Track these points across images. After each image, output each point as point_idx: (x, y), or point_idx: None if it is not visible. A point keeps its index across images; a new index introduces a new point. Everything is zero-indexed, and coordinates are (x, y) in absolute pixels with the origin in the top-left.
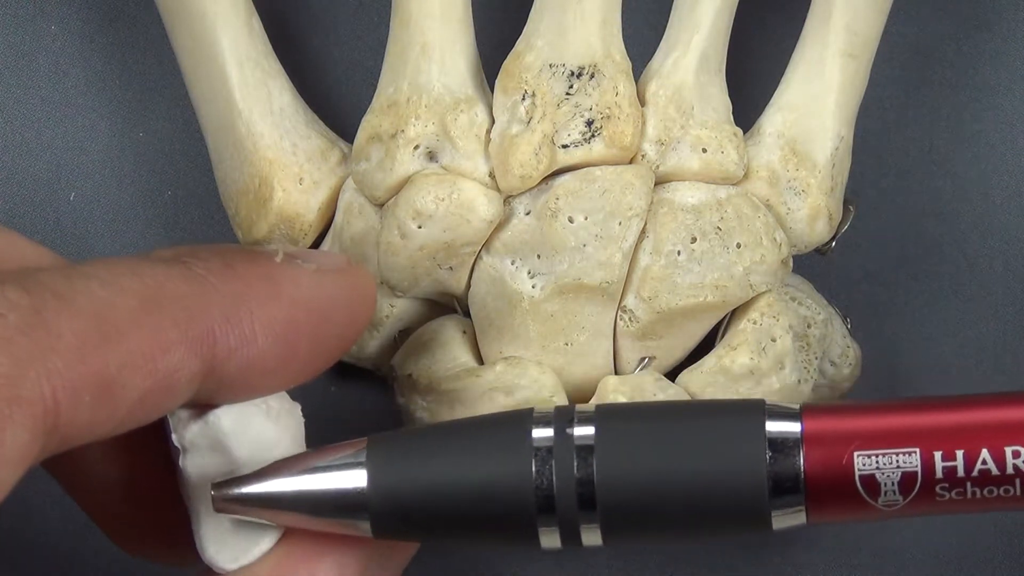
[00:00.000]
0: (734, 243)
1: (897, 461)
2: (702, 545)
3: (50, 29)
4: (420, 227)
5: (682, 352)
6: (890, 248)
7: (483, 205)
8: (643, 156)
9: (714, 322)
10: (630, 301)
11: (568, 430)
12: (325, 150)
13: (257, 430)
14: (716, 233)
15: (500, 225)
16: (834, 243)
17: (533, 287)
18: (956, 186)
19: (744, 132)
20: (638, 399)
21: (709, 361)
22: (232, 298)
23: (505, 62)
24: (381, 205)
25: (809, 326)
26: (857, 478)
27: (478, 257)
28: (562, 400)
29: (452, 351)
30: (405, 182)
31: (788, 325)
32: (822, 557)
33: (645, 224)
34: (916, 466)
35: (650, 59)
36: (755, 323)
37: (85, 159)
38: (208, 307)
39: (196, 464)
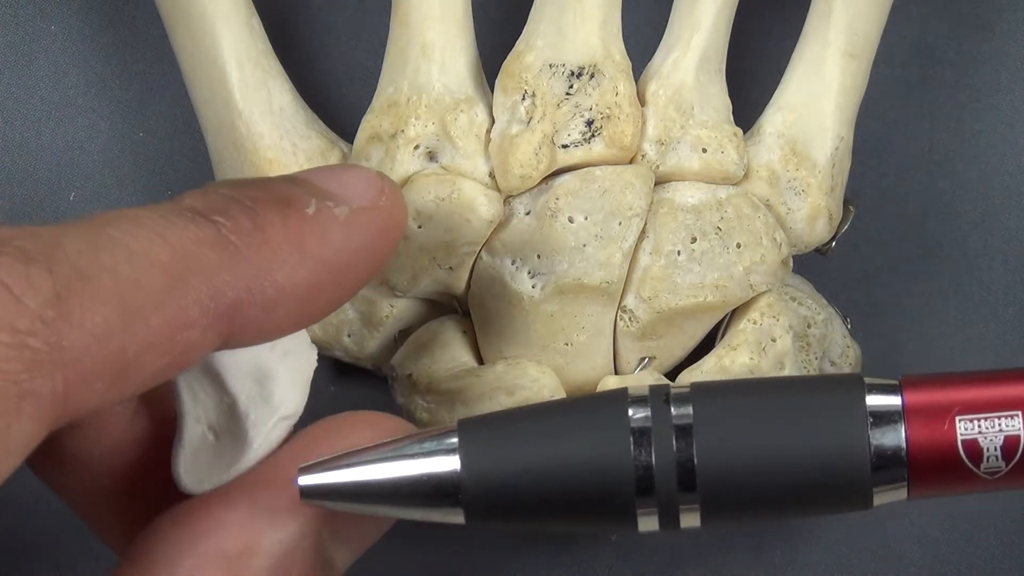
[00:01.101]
0: (734, 243)
1: (1000, 425)
2: (800, 518)
3: (50, 29)
4: (420, 227)
5: (682, 352)
6: (890, 248)
7: (483, 205)
8: (643, 156)
9: (714, 322)
10: (630, 301)
11: (665, 410)
12: (325, 150)
13: (256, 363)
14: (716, 233)
15: (500, 225)
16: (834, 243)
17: (533, 287)
18: (956, 186)
19: (744, 132)
20: None
21: (709, 361)
22: (258, 268)
23: (505, 62)
24: None
25: (809, 326)
26: (959, 444)
27: (478, 257)
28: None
29: (452, 351)
30: (405, 182)
31: (788, 325)
32: (822, 557)
33: (645, 224)
34: (1019, 429)
35: (650, 59)
36: (755, 323)
37: (85, 159)
38: (234, 279)
39: (188, 383)
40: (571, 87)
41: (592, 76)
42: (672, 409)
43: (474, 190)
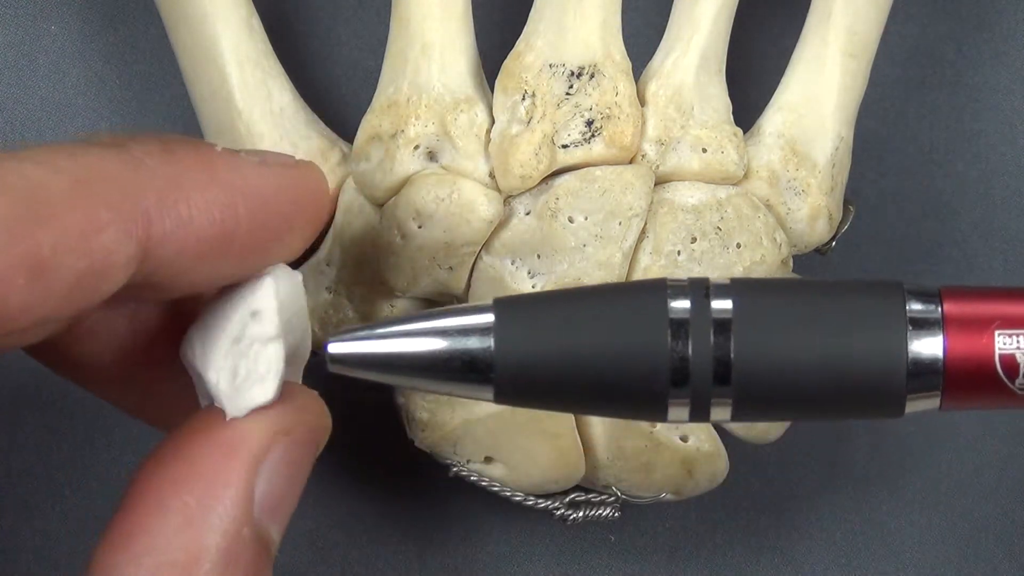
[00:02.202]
0: (734, 243)
1: None
2: (831, 419)
3: (50, 29)
4: (420, 227)
5: None
6: (890, 248)
7: (483, 205)
8: (643, 156)
9: None
10: None
11: (705, 303)
12: (325, 150)
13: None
14: (716, 233)
15: (500, 225)
16: (834, 243)
17: (533, 287)
18: (956, 186)
19: (744, 132)
20: None
21: None
22: (168, 180)
23: (505, 62)
24: (381, 205)
25: None
26: (997, 358)
27: (478, 257)
28: None
29: None
30: (405, 182)
31: None
32: (822, 557)
33: (645, 224)
34: None
35: (650, 59)
36: None
37: None
38: (143, 189)
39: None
40: (571, 87)
41: (592, 76)
42: (711, 302)
43: (474, 190)
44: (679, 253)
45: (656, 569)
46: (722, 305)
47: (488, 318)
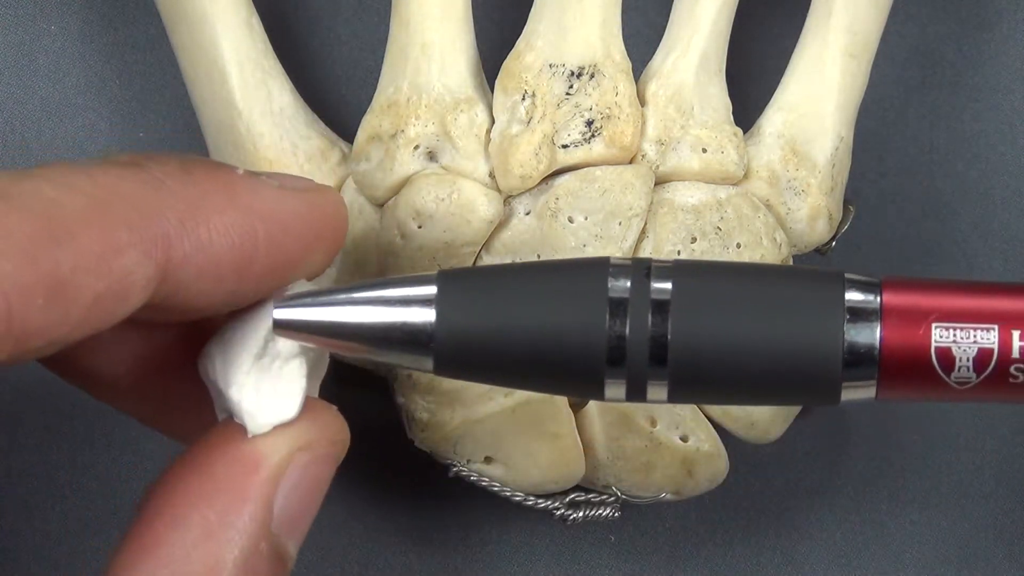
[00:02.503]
0: (734, 243)
1: (975, 336)
2: (766, 404)
3: (50, 29)
4: (420, 227)
5: None
6: (890, 248)
7: (483, 205)
8: (643, 156)
9: None
10: None
11: (645, 284)
12: (325, 150)
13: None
14: (716, 233)
15: (500, 225)
16: (834, 243)
17: None
18: (956, 186)
19: (744, 132)
20: None
21: None
22: (188, 203)
23: (505, 62)
24: (381, 205)
25: None
26: (933, 350)
27: (478, 257)
28: (562, 399)
29: None
30: (405, 182)
31: None
32: (822, 557)
33: (645, 224)
34: (993, 343)
35: (650, 59)
36: None
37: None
38: (163, 210)
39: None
40: (571, 87)
41: (592, 76)
42: (652, 283)
43: (474, 190)
44: (679, 253)
45: (656, 569)
46: (662, 286)
47: (431, 289)
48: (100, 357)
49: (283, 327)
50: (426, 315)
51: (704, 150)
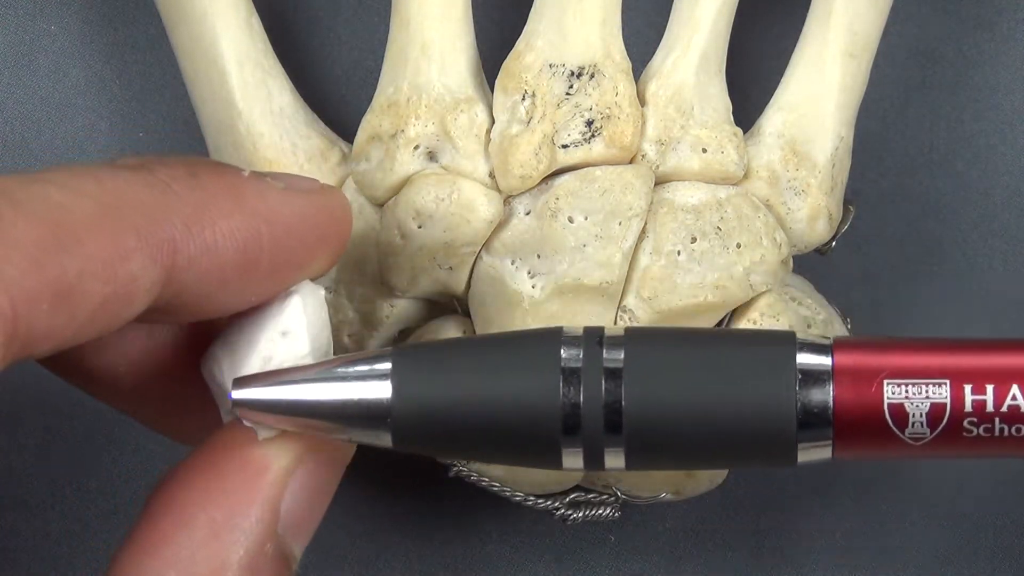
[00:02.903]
0: (734, 243)
1: (927, 392)
2: (724, 468)
3: (50, 29)
4: (420, 227)
5: None
6: (890, 248)
7: (483, 205)
8: (643, 156)
9: (714, 322)
10: (630, 301)
11: (597, 352)
12: (325, 150)
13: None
14: (716, 233)
15: (500, 225)
16: (834, 243)
17: (533, 287)
18: (956, 186)
19: (744, 132)
20: None
21: None
22: (194, 207)
23: (505, 62)
24: (381, 205)
25: (809, 326)
26: (886, 407)
27: (478, 257)
28: None
29: None
30: (405, 182)
31: (788, 325)
32: (822, 557)
33: (645, 224)
34: (945, 398)
35: (650, 59)
36: (755, 323)
37: (85, 159)
38: (169, 214)
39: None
40: (571, 87)
41: (592, 76)
42: (604, 351)
43: (474, 190)
44: (679, 253)
45: (656, 569)
46: (614, 355)
47: (386, 366)
48: (101, 357)
49: (242, 406)
50: (383, 391)
51: (704, 150)
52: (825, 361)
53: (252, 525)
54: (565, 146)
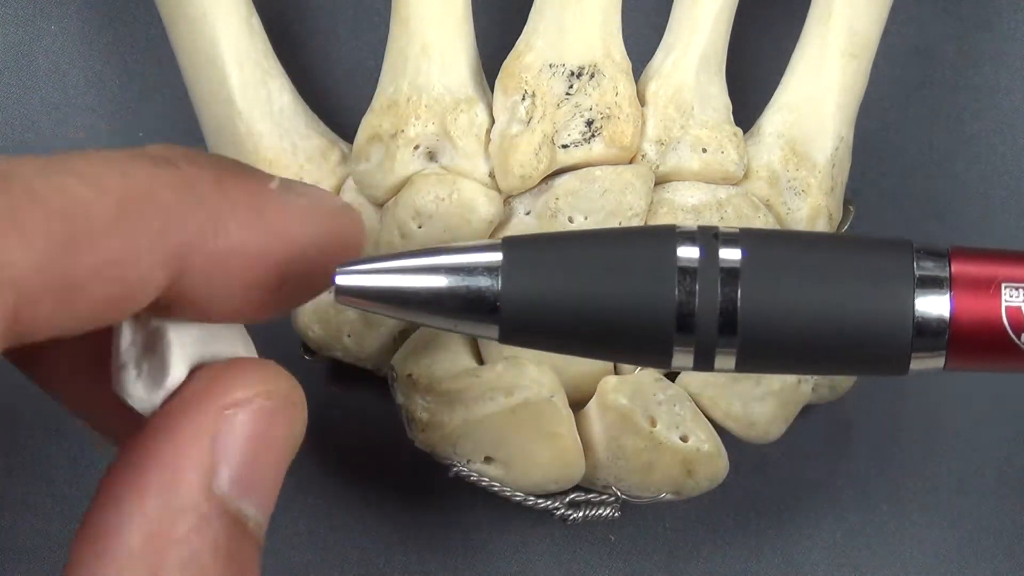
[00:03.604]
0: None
1: None
2: (834, 374)
3: (50, 29)
4: (420, 227)
5: None
6: None
7: (483, 205)
8: (643, 156)
9: None
10: None
11: (714, 249)
12: (325, 150)
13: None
14: None
15: (500, 225)
16: None
17: None
18: (956, 186)
19: (744, 132)
20: (638, 399)
21: None
22: (214, 212)
23: (505, 62)
24: (381, 205)
25: None
26: (1004, 311)
27: None
28: (562, 399)
29: (452, 351)
30: (405, 182)
31: None
32: (822, 557)
33: (645, 224)
34: None
35: (650, 59)
36: None
37: None
38: (187, 218)
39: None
40: (571, 87)
41: (592, 76)
42: (720, 251)
43: (474, 190)
44: None
45: (656, 569)
46: (730, 255)
47: (496, 257)
48: (56, 350)
49: (345, 293)
50: (491, 282)
51: (704, 150)
52: (942, 268)
53: (181, 491)
54: (565, 146)
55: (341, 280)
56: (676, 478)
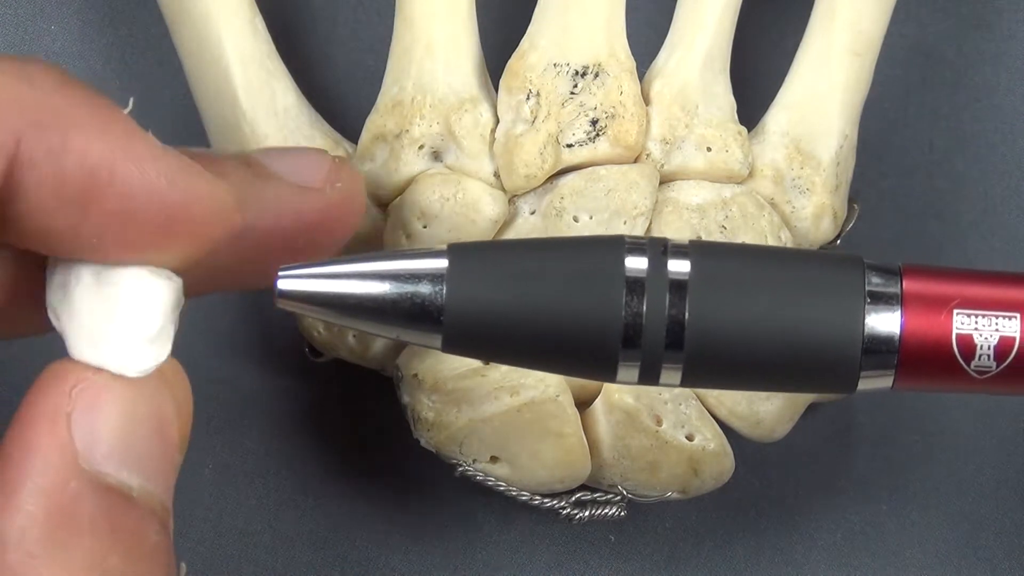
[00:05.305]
0: (739, 241)
1: (996, 324)
2: (782, 391)
3: (50, 29)
4: (425, 227)
5: None
6: (890, 248)
7: (488, 204)
8: (648, 155)
9: None
10: None
11: (662, 262)
12: (330, 150)
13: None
14: (721, 232)
15: (505, 224)
16: (839, 241)
17: None
18: (956, 186)
19: (749, 131)
20: (644, 398)
21: None
22: (52, 109)
23: (509, 61)
24: (386, 205)
25: None
26: (954, 337)
27: None
28: (568, 399)
29: None
30: (410, 182)
31: None
32: (822, 557)
33: (650, 223)
34: (1015, 332)
35: (654, 58)
36: None
37: None
38: (23, 105)
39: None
40: (575, 86)
41: (596, 75)
42: (669, 262)
43: (479, 189)
44: None
45: (656, 569)
46: (679, 267)
47: (441, 263)
48: None
49: (286, 297)
50: (435, 289)
51: (709, 149)
52: (894, 285)
53: (41, 467)
54: (570, 145)
55: (283, 284)
56: (682, 477)
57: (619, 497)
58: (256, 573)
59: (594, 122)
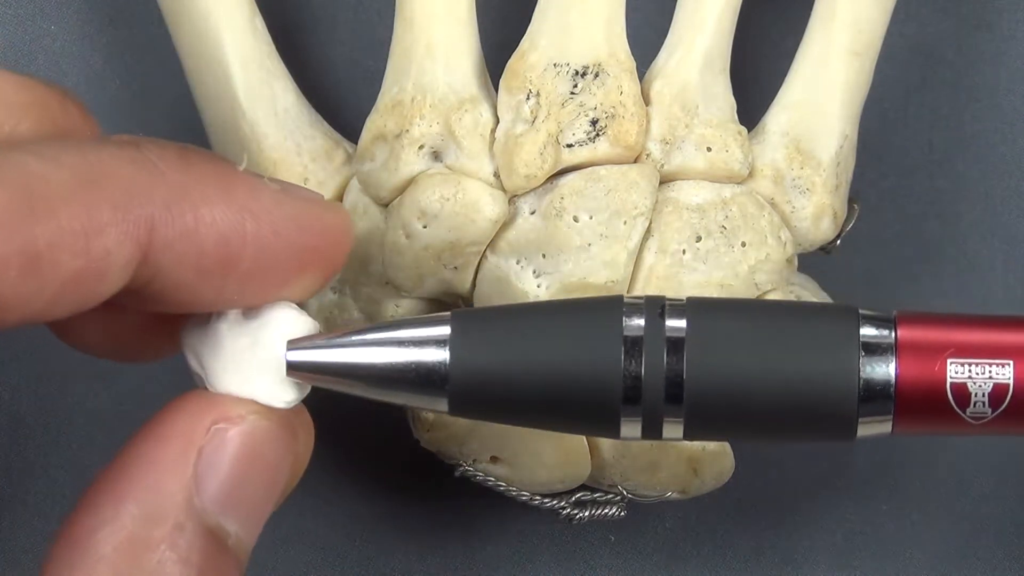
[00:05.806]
0: (739, 242)
1: (990, 372)
2: (783, 442)
3: (50, 29)
4: (425, 227)
5: None
6: (890, 248)
7: (488, 205)
8: (648, 155)
9: None
10: None
11: (659, 322)
12: (329, 150)
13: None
14: (721, 232)
15: (505, 225)
16: (839, 241)
17: (538, 286)
18: (956, 186)
19: (749, 131)
20: None
21: None
22: (179, 188)
23: (509, 61)
24: (386, 205)
25: None
26: (948, 386)
27: (483, 257)
28: None
29: None
30: (410, 182)
31: None
32: (822, 557)
33: (650, 223)
34: (1009, 379)
35: (654, 58)
36: None
37: None
38: (151, 192)
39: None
40: (575, 86)
41: (596, 75)
42: (666, 321)
43: (479, 190)
44: (684, 252)
45: (656, 569)
46: (676, 324)
47: (445, 330)
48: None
49: (296, 369)
50: (440, 356)
51: (709, 149)
52: (888, 335)
53: (160, 499)
54: (570, 145)
55: (292, 356)
56: (682, 477)
57: (619, 497)
58: (256, 573)
59: (594, 122)
